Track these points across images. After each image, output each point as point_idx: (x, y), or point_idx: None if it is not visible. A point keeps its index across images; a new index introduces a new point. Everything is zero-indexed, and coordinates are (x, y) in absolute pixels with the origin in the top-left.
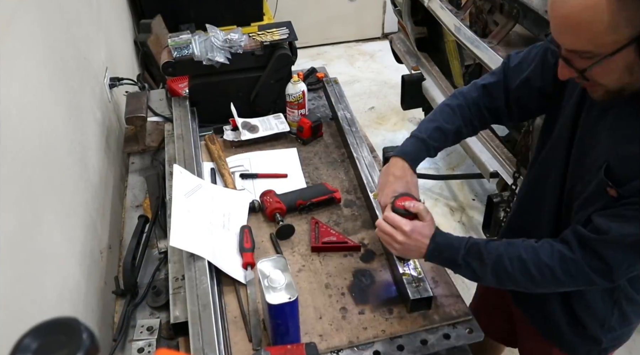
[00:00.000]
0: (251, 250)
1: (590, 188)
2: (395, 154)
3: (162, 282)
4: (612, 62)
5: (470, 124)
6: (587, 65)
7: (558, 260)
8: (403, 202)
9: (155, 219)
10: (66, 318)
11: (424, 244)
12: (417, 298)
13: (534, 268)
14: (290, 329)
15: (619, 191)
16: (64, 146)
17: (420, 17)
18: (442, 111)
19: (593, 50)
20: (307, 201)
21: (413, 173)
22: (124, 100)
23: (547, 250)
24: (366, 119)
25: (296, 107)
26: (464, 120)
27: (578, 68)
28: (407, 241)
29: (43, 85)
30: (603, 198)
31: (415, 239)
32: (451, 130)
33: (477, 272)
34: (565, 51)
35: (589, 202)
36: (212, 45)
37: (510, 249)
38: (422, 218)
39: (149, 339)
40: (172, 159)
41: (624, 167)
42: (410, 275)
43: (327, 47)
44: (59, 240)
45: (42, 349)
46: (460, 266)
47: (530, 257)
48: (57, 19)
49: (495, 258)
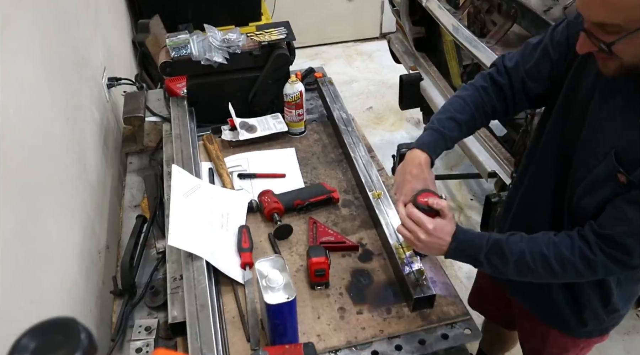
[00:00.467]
0: (249, 250)
1: (596, 173)
2: (413, 146)
3: (160, 282)
4: (638, 37)
5: (483, 110)
6: (613, 40)
7: (579, 256)
8: (426, 199)
9: (153, 218)
10: (64, 318)
11: (446, 242)
12: (420, 296)
13: (556, 263)
14: (288, 329)
15: (629, 178)
16: (62, 146)
17: (418, 17)
18: (453, 103)
19: (622, 24)
20: (305, 201)
21: (430, 169)
22: (122, 100)
23: (567, 245)
24: (364, 119)
25: (294, 107)
26: (477, 108)
27: (602, 41)
28: (429, 239)
29: (41, 86)
30: (610, 184)
31: (438, 237)
32: (464, 119)
33: (498, 268)
34: (590, 24)
35: (595, 188)
36: (210, 45)
37: (531, 244)
38: (444, 215)
39: (147, 339)
40: (170, 159)
41: (633, 153)
42: (413, 274)
43: (325, 47)
44: (56, 241)
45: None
46: (482, 263)
47: (552, 253)
48: (54, 19)
49: (517, 255)
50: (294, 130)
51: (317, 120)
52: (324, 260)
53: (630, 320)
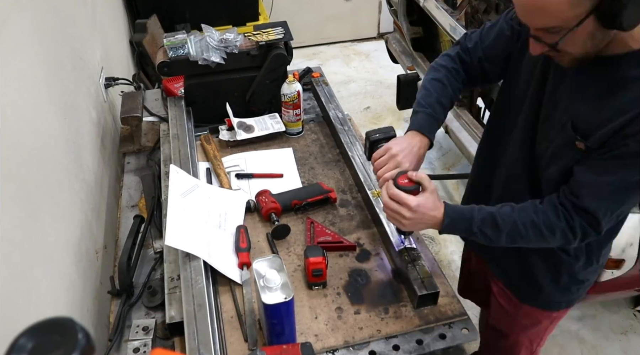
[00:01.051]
0: (247, 250)
1: (556, 144)
2: (412, 129)
3: (157, 282)
4: (577, 32)
5: (456, 92)
6: (557, 39)
7: (564, 221)
8: (405, 179)
9: (151, 218)
10: (62, 318)
11: (432, 217)
12: (424, 294)
13: (545, 229)
14: (286, 329)
15: (587, 144)
16: (60, 146)
17: (416, 17)
18: (434, 86)
19: (561, 25)
20: (303, 201)
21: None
22: (120, 100)
23: (552, 211)
24: (362, 119)
25: (291, 107)
26: (454, 91)
27: (549, 43)
28: (414, 216)
29: (38, 85)
30: (572, 152)
31: (422, 213)
32: (446, 103)
33: (492, 238)
34: (534, 30)
35: (557, 157)
36: (208, 45)
37: (522, 214)
38: (425, 188)
39: (145, 339)
40: (167, 158)
41: (586, 122)
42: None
43: (323, 47)
44: (54, 240)
45: (38, 348)
46: (475, 234)
47: (542, 220)
48: (52, 19)
49: (510, 225)
50: (291, 130)
51: (314, 120)
52: (321, 260)
53: (627, 320)
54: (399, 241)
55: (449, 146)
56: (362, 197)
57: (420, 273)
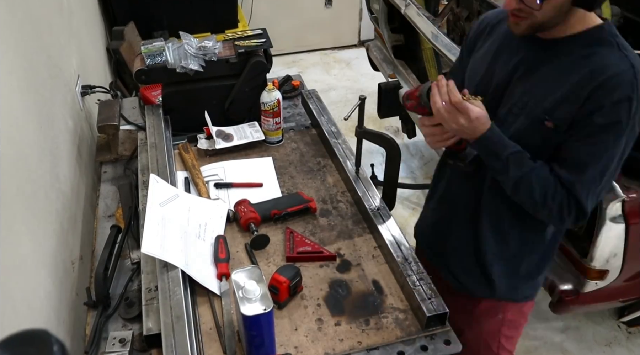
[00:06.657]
0: (226, 261)
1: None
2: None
3: (134, 293)
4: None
5: None
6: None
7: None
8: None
9: (128, 229)
10: (36, 330)
11: (480, 130)
12: (433, 315)
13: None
14: (266, 340)
15: (554, 122)
16: (35, 155)
17: (397, 24)
18: None
19: None
20: (282, 211)
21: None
22: (96, 108)
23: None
24: (342, 128)
25: (271, 116)
26: None
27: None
28: (468, 125)
29: (13, 94)
30: (540, 132)
31: (475, 126)
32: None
33: (509, 172)
34: None
35: (524, 138)
36: (186, 52)
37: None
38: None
39: (122, 351)
40: (145, 168)
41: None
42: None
43: (303, 54)
44: (29, 251)
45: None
46: (502, 161)
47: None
48: (27, 25)
49: (529, 169)
50: (271, 138)
51: (294, 128)
52: (284, 280)
53: (611, 332)
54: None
55: (431, 155)
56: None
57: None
